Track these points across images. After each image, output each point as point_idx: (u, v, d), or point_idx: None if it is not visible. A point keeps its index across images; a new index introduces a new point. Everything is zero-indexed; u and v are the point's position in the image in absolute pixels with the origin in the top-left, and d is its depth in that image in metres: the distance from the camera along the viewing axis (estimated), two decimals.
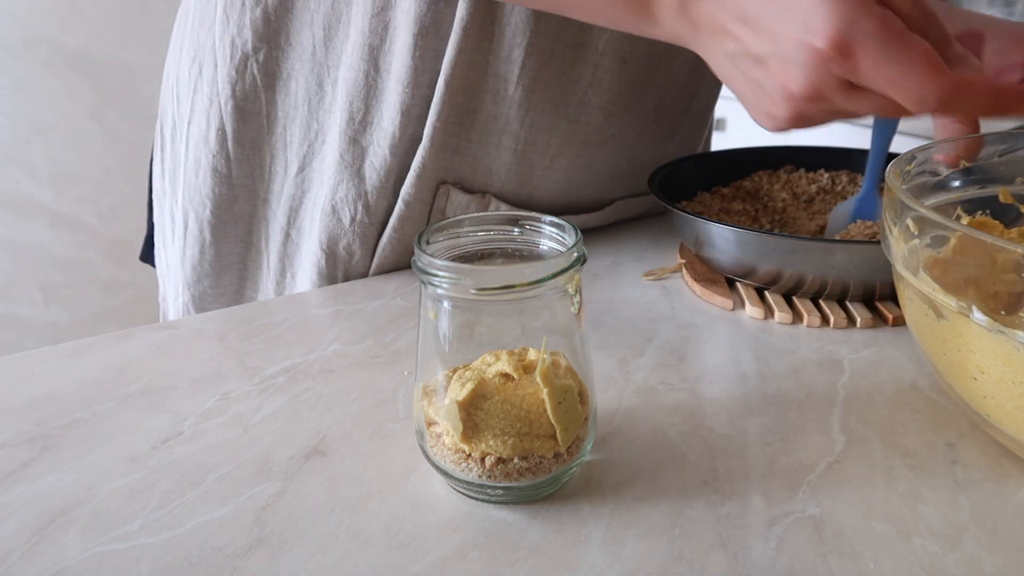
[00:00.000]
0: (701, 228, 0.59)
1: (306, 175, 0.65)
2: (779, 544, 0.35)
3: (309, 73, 0.62)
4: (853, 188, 0.71)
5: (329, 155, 0.63)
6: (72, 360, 0.52)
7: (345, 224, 0.63)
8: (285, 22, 0.62)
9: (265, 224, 0.68)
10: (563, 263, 0.36)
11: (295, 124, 0.64)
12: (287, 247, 0.67)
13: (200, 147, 0.67)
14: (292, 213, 0.66)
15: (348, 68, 0.61)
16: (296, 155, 0.65)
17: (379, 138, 0.61)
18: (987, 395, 0.39)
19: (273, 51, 0.63)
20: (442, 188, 0.63)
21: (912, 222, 0.41)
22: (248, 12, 0.62)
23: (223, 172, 0.66)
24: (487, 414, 0.37)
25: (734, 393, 0.47)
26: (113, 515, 0.38)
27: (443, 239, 0.39)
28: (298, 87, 0.63)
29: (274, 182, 0.66)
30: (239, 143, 0.65)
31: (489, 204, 0.65)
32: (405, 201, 0.62)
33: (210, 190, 0.67)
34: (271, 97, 0.64)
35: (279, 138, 0.65)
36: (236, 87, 0.64)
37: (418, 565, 0.35)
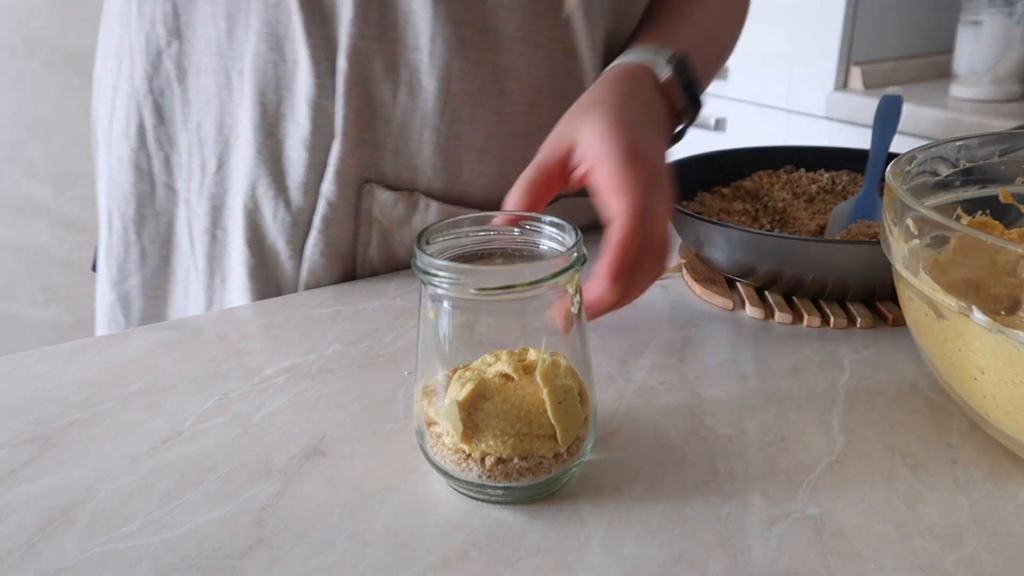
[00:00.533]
0: (701, 228, 0.59)
1: (225, 172, 0.63)
2: (779, 544, 0.35)
3: (217, 66, 0.61)
4: (853, 188, 0.71)
5: (244, 150, 0.61)
6: (72, 360, 0.52)
7: (267, 220, 0.61)
8: (191, 15, 0.61)
9: (188, 225, 0.65)
10: (563, 263, 0.36)
11: (209, 120, 0.62)
12: (213, 248, 0.65)
13: (122, 143, 0.65)
14: (215, 212, 0.64)
15: (255, 58, 0.59)
16: (213, 152, 0.63)
17: (293, 131, 0.60)
18: (987, 395, 0.39)
19: (183, 45, 0.61)
20: (366, 186, 0.61)
21: (912, 222, 0.41)
22: (159, 6, 0.61)
23: (144, 168, 0.65)
24: (487, 414, 0.37)
25: (734, 393, 0.47)
26: (113, 515, 0.38)
27: (443, 239, 0.39)
28: (208, 81, 0.61)
29: (193, 180, 0.64)
30: (157, 139, 0.64)
31: (418, 202, 0.62)
32: (328, 200, 0.60)
33: (132, 186, 0.66)
34: (184, 93, 0.63)
35: (194, 134, 0.63)
36: (152, 82, 0.63)
37: (418, 565, 0.35)
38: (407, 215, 0.62)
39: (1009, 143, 0.51)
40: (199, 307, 0.66)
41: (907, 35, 1.36)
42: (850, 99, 1.26)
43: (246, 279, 0.63)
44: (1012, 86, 1.20)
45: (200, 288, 0.66)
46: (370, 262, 0.64)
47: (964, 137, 0.50)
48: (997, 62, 1.18)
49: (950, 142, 0.50)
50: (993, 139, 0.51)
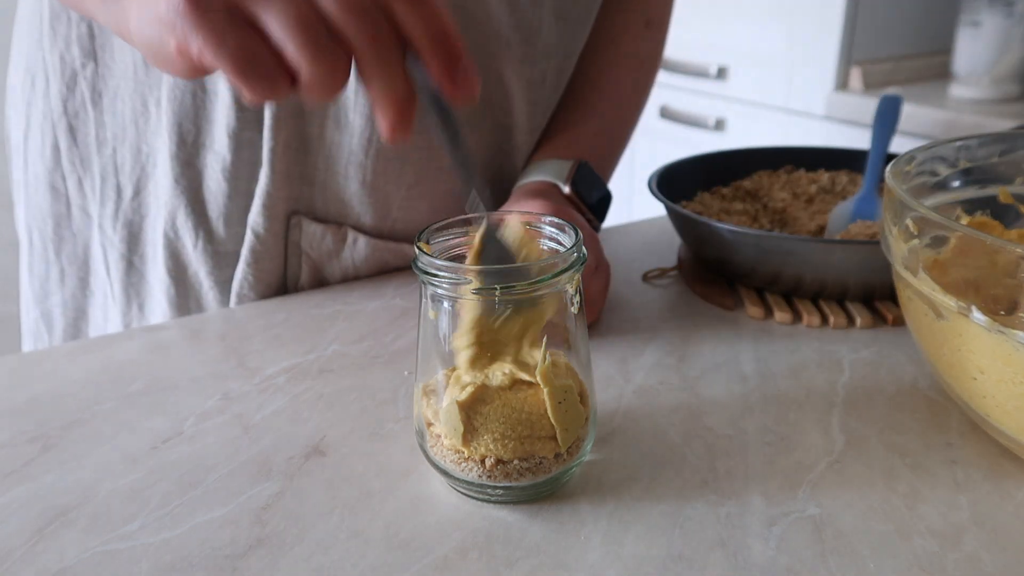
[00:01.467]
0: (701, 228, 0.59)
1: (142, 199, 0.62)
2: (779, 544, 0.35)
3: (133, 92, 0.59)
4: (853, 188, 0.71)
5: (163, 179, 0.60)
6: (72, 360, 0.52)
7: (188, 249, 0.60)
8: (108, 38, 0.59)
9: (103, 250, 0.64)
10: (563, 263, 0.36)
11: (125, 146, 0.61)
12: (130, 276, 0.64)
13: (38, 163, 0.64)
14: (131, 239, 0.63)
15: (172, 87, 0.57)
16: (129, 179, 0.62)
17: (212, 161, 0.59)
18: (987, 395, 0.39)
19: (99, 68, 0.60)
20: (294, 219, 0.60)
21: (912, 222, 0.41)
22: (74, 27, 0.60)
23: (60, 190, 0.64)
24: (487, 418, 0.37)
25: (734, 393, 0.47)
26: (113, 515, 0.38)
27: (443, 239, 0.39)
28: (124, 107, 0.60)
29: (106, 206, 0.63)
30: (72, 162, 0.63)
31: (346, 236, 0.62)
32: (255, 232, 0.59)
33: (49, 206, 0.65)
34: (99, 117, 0.61)
35: (109, 160, 0.62)
36: (68, 104, 0.62)
37: (418, 565, 0.35)
38: (337, 248, 0.62)
39: (1008, 143, 0.51)
40: (117, 330, 0.65)
41: (907, 35, 1.36)
42: (850, 99, 1.26)
43: (167, 308, 0.62)
44: (1012, 86, 1.20)
45: (117, 314, 0.65)
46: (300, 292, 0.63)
47: (964, 137, 0.50)
48: (997, 62, 1.18)
49: (950, 142, 0.50)
50: (993, 139, 0.51)
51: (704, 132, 1.53)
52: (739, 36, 1.45)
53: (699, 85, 1.53)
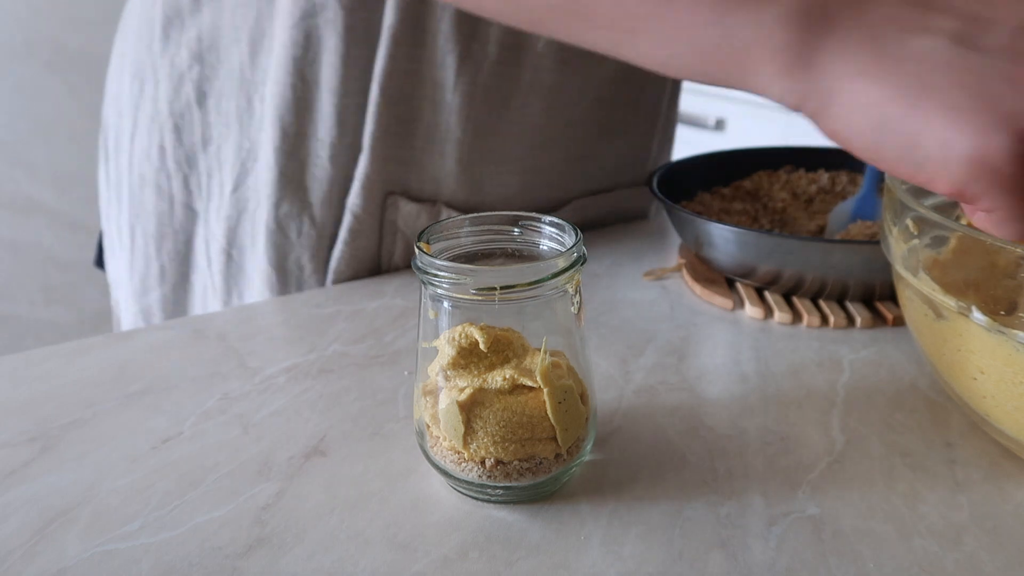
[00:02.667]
0: (701, 228, 0.59)
1: (240, 194, 0.64)
2: (779, 544, 0.35)
3: (238, 91, 0.62)
4: (853, 188, 0.71)
5: (263, 172, 0.62)
6: (72, 360, 0.52)
7: (292, 239, 0.62)
8: (216, 40, 0.62)
9: (206, 245, 0.67)
10: (563, 263, 0.36)
11: (228, 142, 0.63)
12: (230, 267, 0.66)
13: (144, 163, 0.67)
14: (231, 233, 0.65)
15: (274, 83, 0.60)
16: (230, 174, 0.64)
17: (317, 149, 0.61)
18: (987, 395, 0.39)
19: (205, 70, 0.63)
20: (390, 199, 0.62)
21: (912, 222, 0.41)
22: (186, 32, 0.62)
23: (165, 189, 0.67)
24: (486, 421, 0.36)
25: (734, 393, 0.47)
26: (113, 515, 0.38)
27: (443, 239, 0.39)
28: (229, 105, 0.63)
29: (211, 201, 0.66)
30: (177, 161, 0.66)
31: (440, 212, 0.64)
32: (354, 213, 0.61)
33: (154, 206, 0.67)
34: (204, 116, 0.64)
35: (213, 157, 0.64)
36: (174, 105, 0.64)
37: (418, 565, 0.35)
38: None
39: None
40: None
41: None
42: None
43: (268, 295, 0.64)
44: None
45: (218, 305, 0.68)
46: (394, 270, 0.66)
47: None
48: None
49: None
50: None
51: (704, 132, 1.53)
52: None
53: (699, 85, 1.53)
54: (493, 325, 0.38)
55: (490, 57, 0.60)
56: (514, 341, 0.38)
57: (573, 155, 0.69)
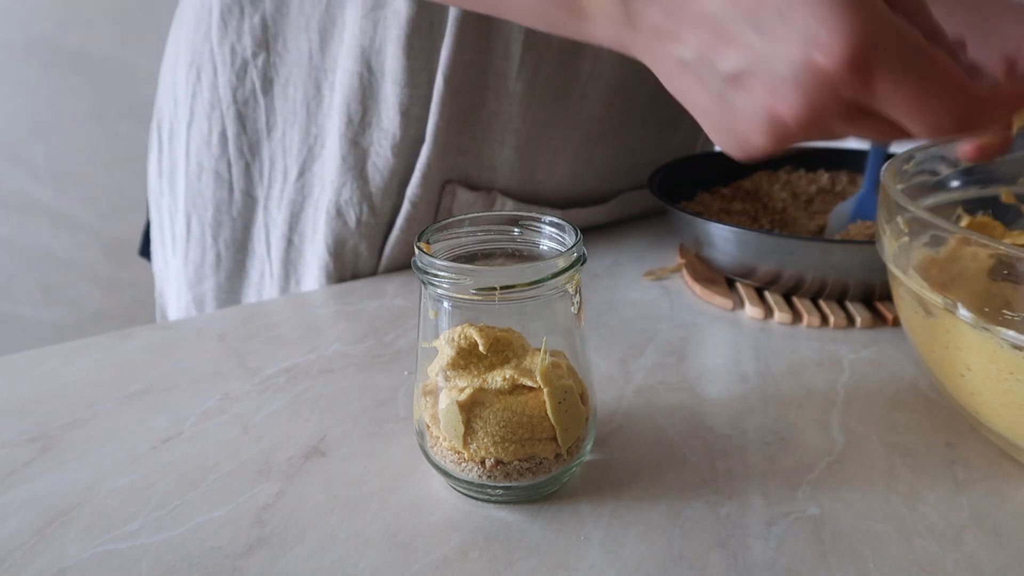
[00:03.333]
0: (701, 228, 0.59)
1: (306, 180, 0.65)
2: (779, 544, 0.35)
3: (307, 78, 0.63)
4: (853, 188, 0.71)
5: (329, 159, 0.63)
6: (72, 360, 0.52)
7: (351, 226, 0.63)
8: (282, 28, 0.62)
9: (266, 231, 0.68)
10: (563, 263, 0.36)
11: (294, 129, 0.64)
12: (290, 253, 0.67)
13: (203, 151, 0.67)
14: (293, 219, 0.66)
15: (343, 71, 0.61)
16: (296, 160, 0.65)
17: (379, 139, 0.61)
18: (974, 392, 0.39)
19: (271, 57, 0.63)
20: (448, 187, 0.63)
21: (902, 221, 0.41)
22: (247, 19, 0.63)
23: (224, 176, 0.67)
24: (486, 422, 0.36)
25: (734, 393, 0.47)
26: (113, 515, 0.38)
27: (443, 239, 0.39)
28: (296, 92, 0.63)
29: (273, 187, 0.66)
30: (239, 148, 0.66)
31: (495, 200, 0.65)
32: (412, 202, 0.62)
33: (212, 193, 0.68)
34: (270, 103, 0.64)
35: (278, 143, 0.65)
36: (237, 92, 0.65)
37: (418, 565, 0.35)
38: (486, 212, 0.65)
39: None
40: None
41: None
42: None
43: (324, 280, 0.65)
44: None
45: (275, 291, 0.68)
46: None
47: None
48: None
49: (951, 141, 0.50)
50: None
51: None
52: None
53: None
54: (493, 325, 0.38)
55: (553, 47, 0.61)
56: (514, 341, 0.38)
57: (626, 149, 0.70)
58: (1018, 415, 0.38)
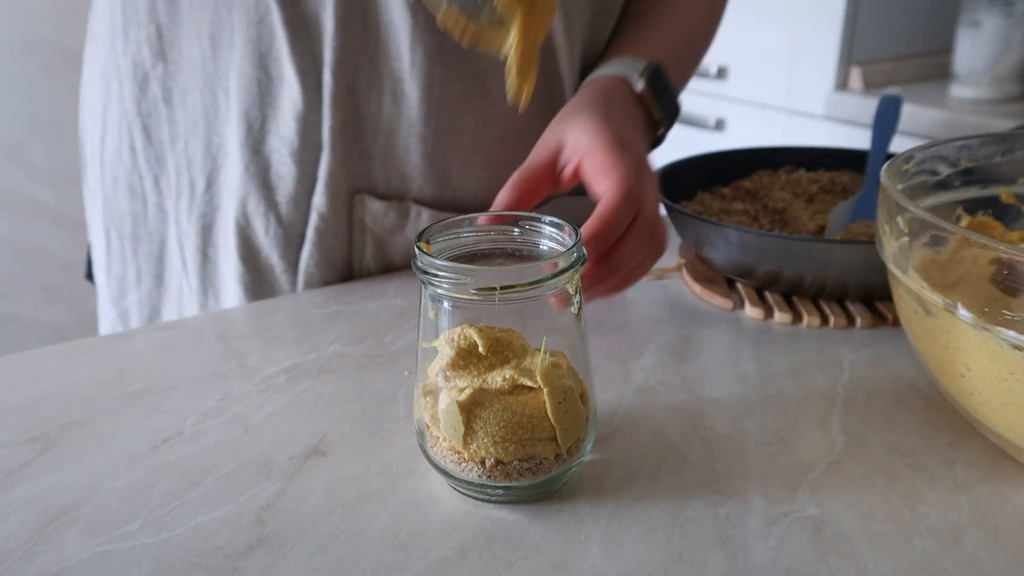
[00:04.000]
0: (701, 228, 0.59)
1: (215, 191, 0.63)
2: (779, 544, 0.35)
3: (203, 86, 0.61)
4: (853, 188, 0.71)
5: (232, 167, 0.61)
6: (72, 360, 0.52)
7: (260, 235, 0.62)
8: (176, 36, 0.61)
9: (179, 245, 0.66)
10: (563, 263, 0.36)
11: (196, 139, 0.63)
12: (205, 267, 0.65)
13: (116, 164, 0.66)
14: (205, 232, 0.64)
15: (239, 76, 0.59)
16: (202, 171, 0.63)
17: (279, 146, 0.60)
18: (974, 392, 0.39)
19: (168, 67, 0.62)
20: (356, 197, 0.61)
21: (902, 221, 0.41)
22: (143, 29, 0.62)
23: (138, 189, 0.66)
24: (486, 422, 0.36)
25: (734, 393, 0.47)
26: (113, 515, 0.38)
27: (443, 239, 0.39)
28: (195, 101, 0.62)
29: (182, 200, 0.64)
30: (147, 160, 0.65)
31: (409, 210, 0.63)
32: (319, 212, 0.61)
33: (128, 207, 0.67)
34: (171, 114, 0.63)
35: (182, 154, 0.64)
36: (141, 104, 0.64)
37: (418, 565, 0.35)
38: (400, 223, 0.63)
39: (1010, 143, 0.51)
40: None
41: (907, 35, 1.36)
42: (850, 99, 1.26)
43: (242, 294, 0.63)
44: (1012, 86, 1.20)
45: (194, 306, 0.67)
46: (366, 270, 0.65)
47: (965, 137, 0.50)
48: (997, 62, 1.18)
49: (950, 142, 0.50)
50: (994, 139, 0.51)
51: (704, 132, 1.53)
52: (739, 36, 1.45)
53: (699, 85, 1.53)
54: (493, 326, 0.38)
55: (443, 46, 0.59)
56: (514, 342, 0.38)
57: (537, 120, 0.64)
58: (1018, 415, 0.38)
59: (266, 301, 0.61)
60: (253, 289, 0.63)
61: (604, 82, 0.58)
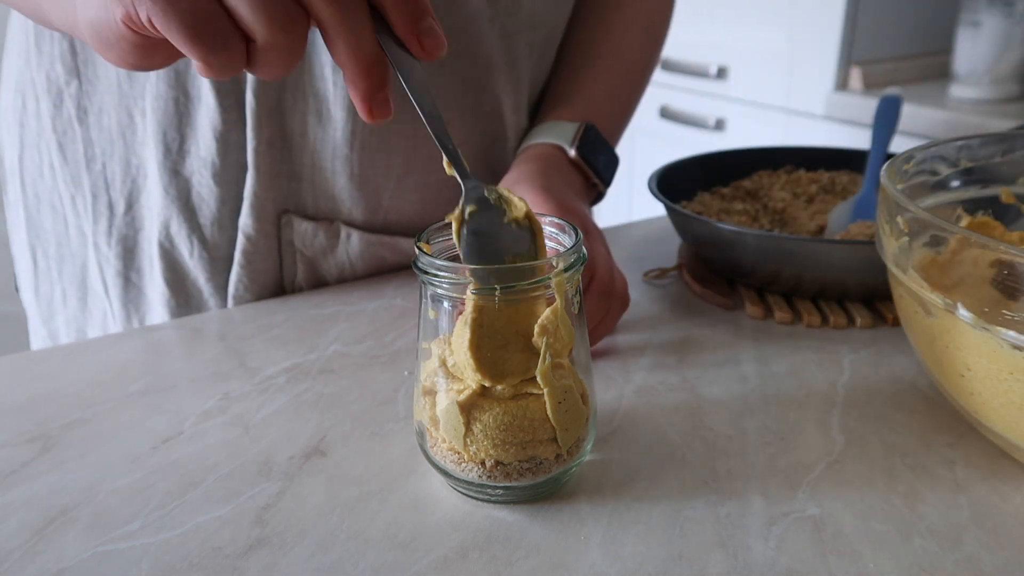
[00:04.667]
0: (701, 228, 0.59)
1: (135, 213, 0.61)
2: (779, 544, 0.35)
3: (118, 105, 0.59)
4: (853, 188, 0.71)
5: (154, 189, 0.60)
6: (72, 360, 0.52)
7: (185, 258, 0.60)
8: (90, 53, 0.59)
9: (99, 269, 0.64)
10: (563, 263, 0.36)
11: (114, 160, 0.61)
12: (128, 292, 0.63)
13: (38, 182, 0.64)
14: (127, 255, 0.62)
15: (155, 97, 0.57)
16: (121, 193, 0.61)
17: (199, 167, 0.58)
18: (974, 392, 0.39)
19: (83, 84, 0.60)
20: (284, 218, 0.60)
21: (902, 220, 0.41)
22: (57, 45, 0.60)
23: (59, 209, 0.64)
24: (486, 425, 0.36)
25: (734, 393, 0.47)
26: (113, 515, 0.38)
27: (443, 239, 0.39)
28: (111, 121, 0.60)
29: (99, 223, 0.62)
30: (64, 180, 0.63)
31: (339, 231, 0.61)
32: (246, 234, 0.59)
33: (51, 226, 0.65)
34: (87, 133, 0.61)
35: (99, 176, 0.61)
36: (56, 122, 0.61)
37: (418, 565, 0.35)
38: (330, 244, 0.61)
39: (1010, 143, 0.51)
40: None
41: (907, 35, 1.36)
42: (850, 99, 1.26)
43: (168, 319, 0.62)
44: (1012, 86, 1.20)
45: (119, 331, 0.65)
46: (298, 290, 0.63)
47: (965, 137, 0.50)
48: (997, 62, 1.18)
49: (950, 142, 0.50)
50: (994, 139, 0.51)
51: (704, 132, 1.53)
52: (739, 36, 1.45)
53: (699, 85, 1.53)
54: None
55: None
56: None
57: (478, 165, 0.64)
58: (1018, 415, 0.38)
59: (266, 301, 0.61)
60: (179, 314, 0.62)
61: (540, 149, 0.60)
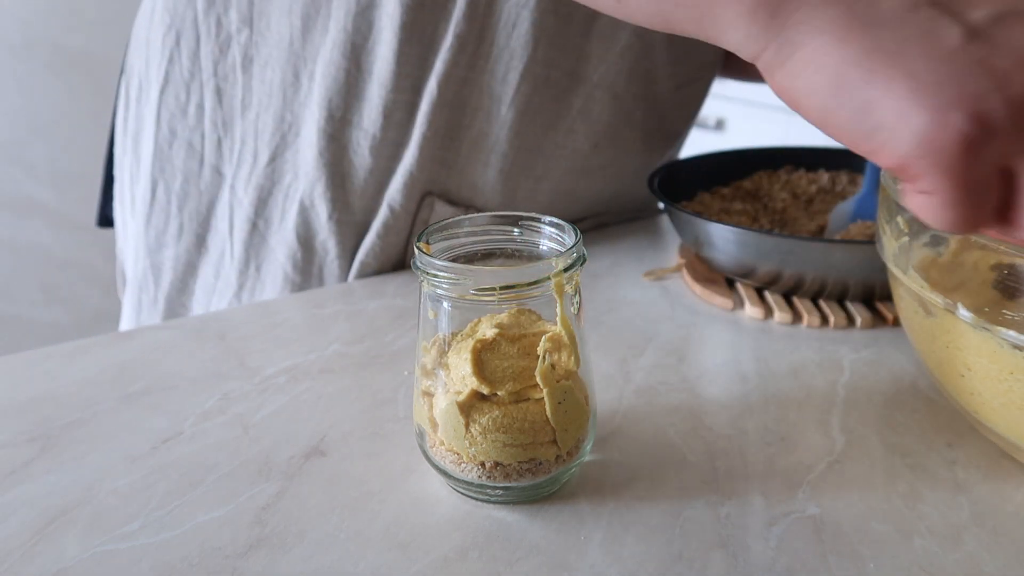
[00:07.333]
0: (701, 228, 0.59)
1: (276, 166, 0.64)
2: (779, 544, 0.35)
3: (286, 63, 0.61)
4: (853, 188, 0.71)
5: (305, 149, 0.62)
6: (72, 360, 0.52)
7: (322, 219, 0.63)
8: (267, 7, 0.61)
9: (230, 210, 0.66)
10: (563, 263, 0.36)
11: (268, 113, 0.63)
12: (253, 237, 0.66)
13: (177, 119, 0.66)
14: (260, 203, 0.65)
15: (327, 63, 0.60)
16: (267, 144, 0.64)
17: (359, 138, 0.61)
18: (974, 392, 0.39)
19: (254, 35, 0.62)
20: (427, 199, 0.63)
21: (903, 221, 0.41)
22: None
23: (197, 148, 0.66)
24: (486, 428, 0.36)
25: (734, 393, 0.47)
26: (113, 515, 0.38)
27: (443, 239, 0.39)
28: (274, 75, 0.62)
29: (242, 168, 0.65)
30: (214, 122, 0.65)
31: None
32: (391, 207, 0.62)
33: (183, 163, 0.66)
34: (248, 82, 0.63)
35: (251, 124, 0.64)
36: (218, 66, 0.64)
37: (418, 565, 0.35)
38: None
39: None
40: (228, 289, 0.67)
41: None
42: None
43: (290, 270, 0.64)
44: None
45: (233, 272, 0.67)
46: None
47: None
48: None
49: None
50: None
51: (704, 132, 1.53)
52: None
53: None
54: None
55: (551, 79, 0.62)
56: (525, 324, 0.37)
57: (608, 187, 0.70)
58: (1018, 415, 0.38)
59: (266, 301, 0.61)
60: (302, 268, 0.64)
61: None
